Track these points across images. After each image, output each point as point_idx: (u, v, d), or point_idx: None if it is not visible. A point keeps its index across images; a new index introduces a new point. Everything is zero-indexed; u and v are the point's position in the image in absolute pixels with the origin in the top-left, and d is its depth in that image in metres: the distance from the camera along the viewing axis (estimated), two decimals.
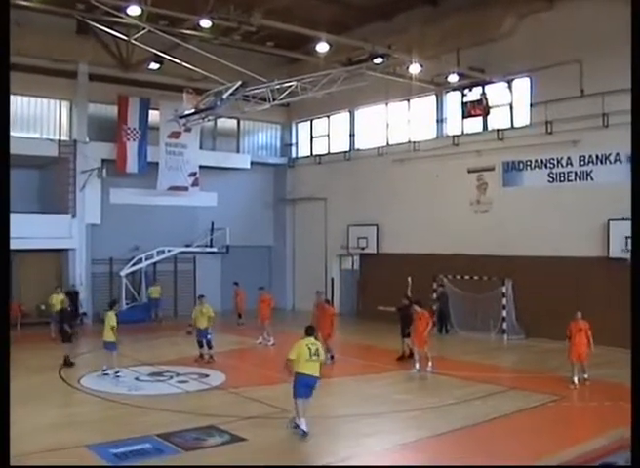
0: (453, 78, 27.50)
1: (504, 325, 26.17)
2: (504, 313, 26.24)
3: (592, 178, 25.01)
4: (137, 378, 18.75)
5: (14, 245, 11.69)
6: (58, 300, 26.49)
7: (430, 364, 19.65)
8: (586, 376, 18.03)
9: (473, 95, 27.97)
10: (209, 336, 21.68)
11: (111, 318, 19.54)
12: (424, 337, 19.98)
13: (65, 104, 31.49)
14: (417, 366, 19.80)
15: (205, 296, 22.77)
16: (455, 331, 27.33)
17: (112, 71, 31.12)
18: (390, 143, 32.89)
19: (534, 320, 25.14)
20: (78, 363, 21.50)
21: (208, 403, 16.49)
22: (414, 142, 31.48)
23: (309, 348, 13.32)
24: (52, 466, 10.11)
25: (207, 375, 19.40)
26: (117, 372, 18.88)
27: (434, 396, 16.87)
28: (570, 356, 18.02)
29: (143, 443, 12.90)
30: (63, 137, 31.14)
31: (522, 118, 27.47)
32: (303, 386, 13.25)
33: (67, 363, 20.19)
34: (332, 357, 20.67)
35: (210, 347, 21.63)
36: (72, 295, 29.49)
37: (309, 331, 13.95)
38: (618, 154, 24.08)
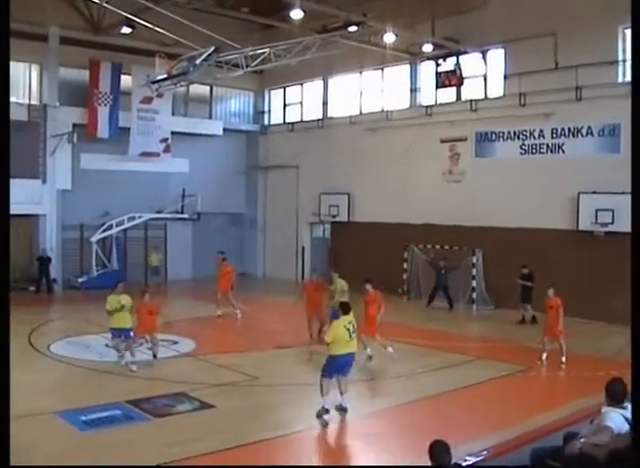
0: (427, 48, 27.39)
1: (474, 295, 26.42)
2: (474, 283, 26.47)
3: (564, 151, 25.12)
4: (107, 345, 18.56)
5: None
6: None
7: (369, 350, 17.44)
8: (563, 359, 16.98)
9: (447, 65, 27.82)
10: None
11: (128, 299, 16.83)
12: (376, 323, 17.58)
13: (35, 68, 30.97)
14: (368, 351, 17.33)
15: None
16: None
17: (84, 35, 30.60)
18: (363, 112, 32.77)
19: (504, 291, 25.30)
20: (48, 329, 21.46)
21: (177, 370, 16.51)
22: (387, 111, 31.41)
23: (347, 329, 12.56)
24: (53, 466, 10.08)
25: (176, 342, 19.40)
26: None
27: (404, 365, 16.99)
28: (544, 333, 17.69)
29: (113, 409, 12.97)
30: (33, 101, 30.67)
31: (496, 89, 27.45)
32: (339, 366, 12.65)
33: None
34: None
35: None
36: (43, 261, 29.42)
37: (345, 309, 12.95)
38: (590, 128, 24.18)
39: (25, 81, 30.85)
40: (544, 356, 17.30)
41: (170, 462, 10.41)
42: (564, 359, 16.95)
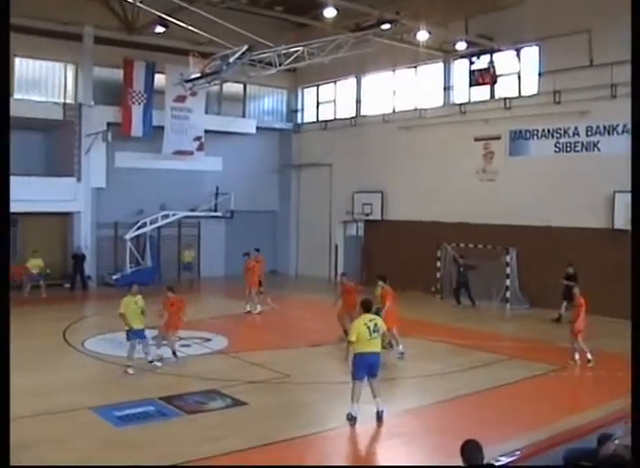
0: (461, 46, 27.28)
1: (508, 294, 26.23)
2: (508, 282, 26.27)
3: (599, 149, 24.87)
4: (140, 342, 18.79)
5: (19, 208, 11.72)
6: (33, 264, 26.99)
7: (401, 347, 17.67)
8: (589, 356, 16.90)
9: (481, 63, 27.71)
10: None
11: (142, 301, 16.53)
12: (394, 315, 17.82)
13: (71, 67, 31.26)
14: (400, 348, 17.63)
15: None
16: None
17: (118, 34, 30.85)
18: (397, 110, 32.66)
19: (538, 290, 25.15)
20: (82, 325, 21.68)
21: (210, 367, 16.57)
22: (420, 110, 31.29)
23: (368, 327, 12.32)
24: (61, 466, 10.17)
25: (209, 339, 19.50)
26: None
27: (437, 363, 16.96)
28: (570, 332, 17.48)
29: (146, 405, 13.08)
30: (69, 101, 30.95)
31: (530, 87, 27.24)
32: (366, 365, 12.42)
33: None
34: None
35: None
36: (78, 258, 29.71)
37: (366, 307, 12.84)
38: (625, 126, 23.86)
39: (61, 80, 31.17)
40: (577, 356, 17.11)
41: (202, 458, 10.47)
42: (589, 356, 16.84)
